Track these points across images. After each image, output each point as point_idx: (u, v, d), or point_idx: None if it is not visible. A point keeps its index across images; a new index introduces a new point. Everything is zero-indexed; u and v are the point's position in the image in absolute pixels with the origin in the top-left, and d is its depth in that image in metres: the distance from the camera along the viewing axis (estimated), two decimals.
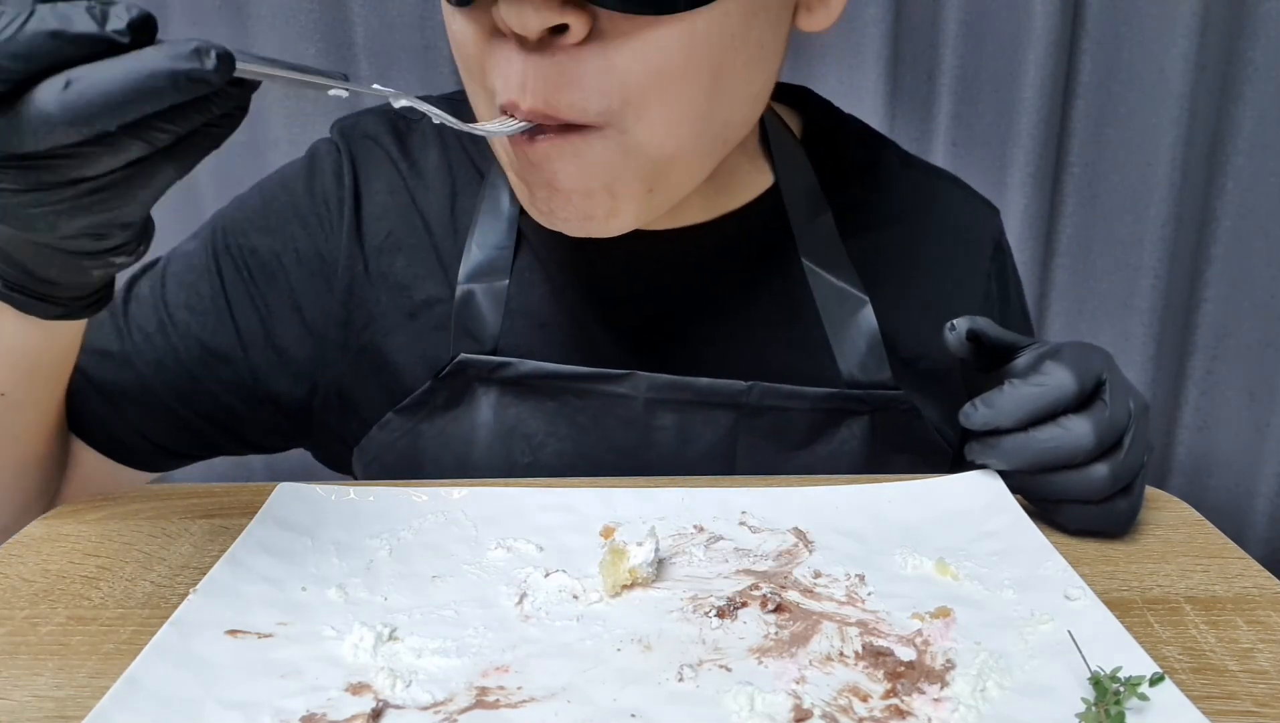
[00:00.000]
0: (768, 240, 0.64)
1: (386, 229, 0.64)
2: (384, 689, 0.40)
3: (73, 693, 0.41)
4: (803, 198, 0.64)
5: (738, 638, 0.45)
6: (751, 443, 0.62)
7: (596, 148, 0.50)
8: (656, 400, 0.61)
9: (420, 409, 0.62)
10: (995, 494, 0.56)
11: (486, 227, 0.63)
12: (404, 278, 0.64)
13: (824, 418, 0.63)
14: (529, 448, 0.62)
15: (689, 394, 0.61)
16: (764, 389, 0.61)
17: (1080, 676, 0.41)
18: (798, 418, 0.63)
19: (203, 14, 1.14)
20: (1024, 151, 1.19)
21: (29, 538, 0.55)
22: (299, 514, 0.54)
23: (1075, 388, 0.53)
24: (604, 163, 0.51)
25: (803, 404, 0.62)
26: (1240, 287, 1.27)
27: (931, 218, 0.70)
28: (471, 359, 0.61)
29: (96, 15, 0.35)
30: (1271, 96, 1.19)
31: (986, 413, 0.54)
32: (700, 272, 0.64)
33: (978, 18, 1.18)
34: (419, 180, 0.65)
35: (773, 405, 0.62)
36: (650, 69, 0.48)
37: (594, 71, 0.47)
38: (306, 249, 0.65)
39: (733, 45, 0.50)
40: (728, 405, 0.61)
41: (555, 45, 0.47)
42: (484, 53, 0.50)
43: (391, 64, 1.17)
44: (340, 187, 0.65)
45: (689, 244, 0.63)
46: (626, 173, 0.51)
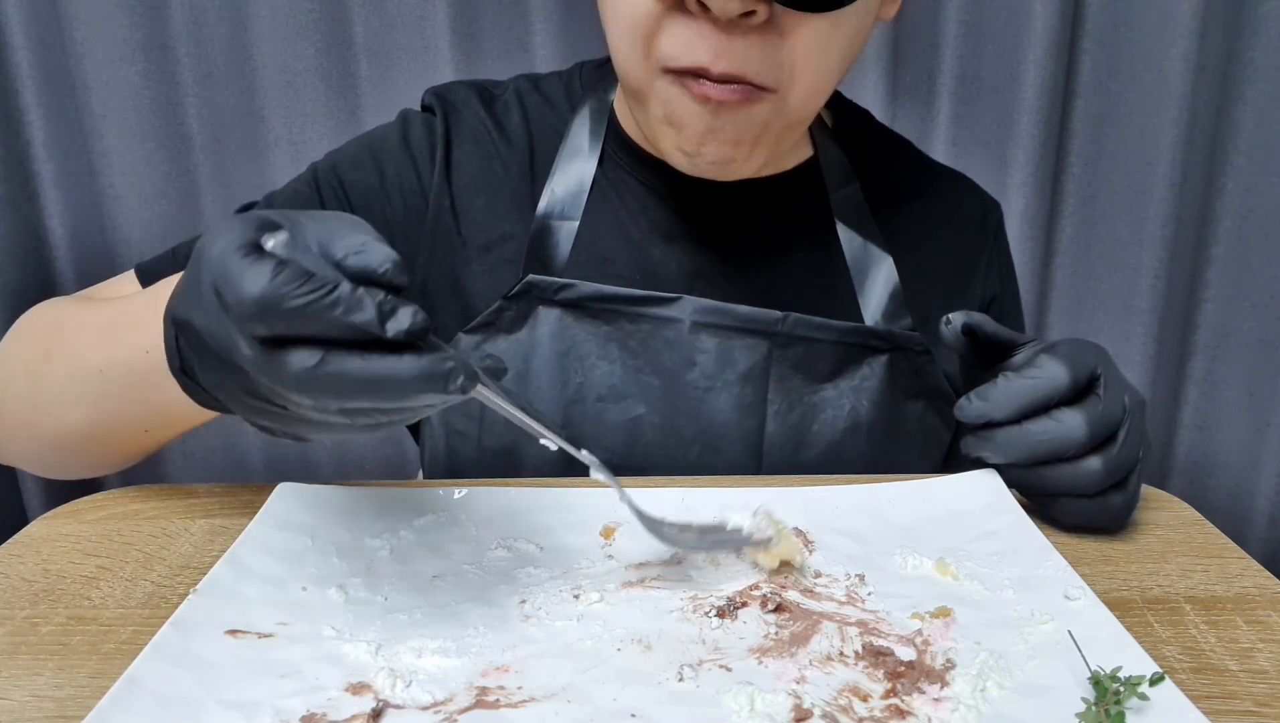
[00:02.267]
0: (807, 201, 0.73)
1: (470, 174, 0.72)
2: (384, 689, 0.40)
3: (73, 693, 0.41)
4: (836, 170, 0.74)
5: (738, 638, 0.45)
6: (783, 372, 0.68)
7: (762, 107, 0.59)
8: (701, 324, 0.67)
9: (488, 327, 0.68)
10: (995, 494, 0.56)
11: (563, 175, 0.71)
12: (483, 216, 0.71)
13: (847, 352, 0.69)
14: (581, 369, 0.67)
15: (730, 319, 0.67)
16: (796, 319, 0.68)
17: (1080, 676, 0.41)
18: (825, 351, 0.68)
19: (203, 14, 1.14)
20: (1024, 151, 1.19)
21: (29, 538, 0.55)
22: (299, 514, 0.54)
23: (1068, 381, 0.54)
24: (761, 120, 0.60)
25: (830, 335, 0.68)
26: (1240, 287, 1.27)
27: (944, 201, 0.77)
28: (538, 279, 0.67)
29: (385, 310, 0.38)
30: (1271, 96, 1.19)
31: (980, 405, 0.55)
32: (749, 220, 0.71)
33: (978, 18, 1.18)
34: (502, 135, 0.73)
35: (803, 336, 0.68)
36: (811, 50, 0.58)
37: (773, 48, 0.57)
38: (402, 184, 0.71)
39: (861, 31, 0.61)
40: (763, 333, 0.68)
41: (742, 25, 0.56)
42: (658, 23, 0.58)
43: (391, 64, 1.17)
44: (432, 135, 0.72)
45: (742, 196, 0.71)
46: (773, 129, 0.61)
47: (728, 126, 0.60)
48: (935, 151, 1.23)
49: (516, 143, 0.73)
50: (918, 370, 0.70)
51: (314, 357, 0.37)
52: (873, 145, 0.77)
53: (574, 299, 0.67)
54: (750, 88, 0.58)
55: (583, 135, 0.72)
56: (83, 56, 1.14)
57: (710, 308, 0.67)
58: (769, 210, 0.72)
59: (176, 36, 1.14)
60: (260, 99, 1.17)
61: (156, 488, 0.61)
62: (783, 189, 0.72)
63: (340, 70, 1.17)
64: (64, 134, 1.17)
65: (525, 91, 0.75)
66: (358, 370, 0.38)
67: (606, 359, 0.67)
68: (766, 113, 0.60)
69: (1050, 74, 1.16)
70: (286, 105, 1.17)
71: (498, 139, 0.73)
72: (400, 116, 0.75)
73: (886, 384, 0.69)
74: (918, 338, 0.70)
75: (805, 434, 0.68)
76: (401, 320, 0.38)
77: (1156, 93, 1.18)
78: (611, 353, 0.67)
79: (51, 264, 1.21)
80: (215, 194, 1.21)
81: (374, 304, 0.37)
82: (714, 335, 0.68)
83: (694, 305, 0.67)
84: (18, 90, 1.13)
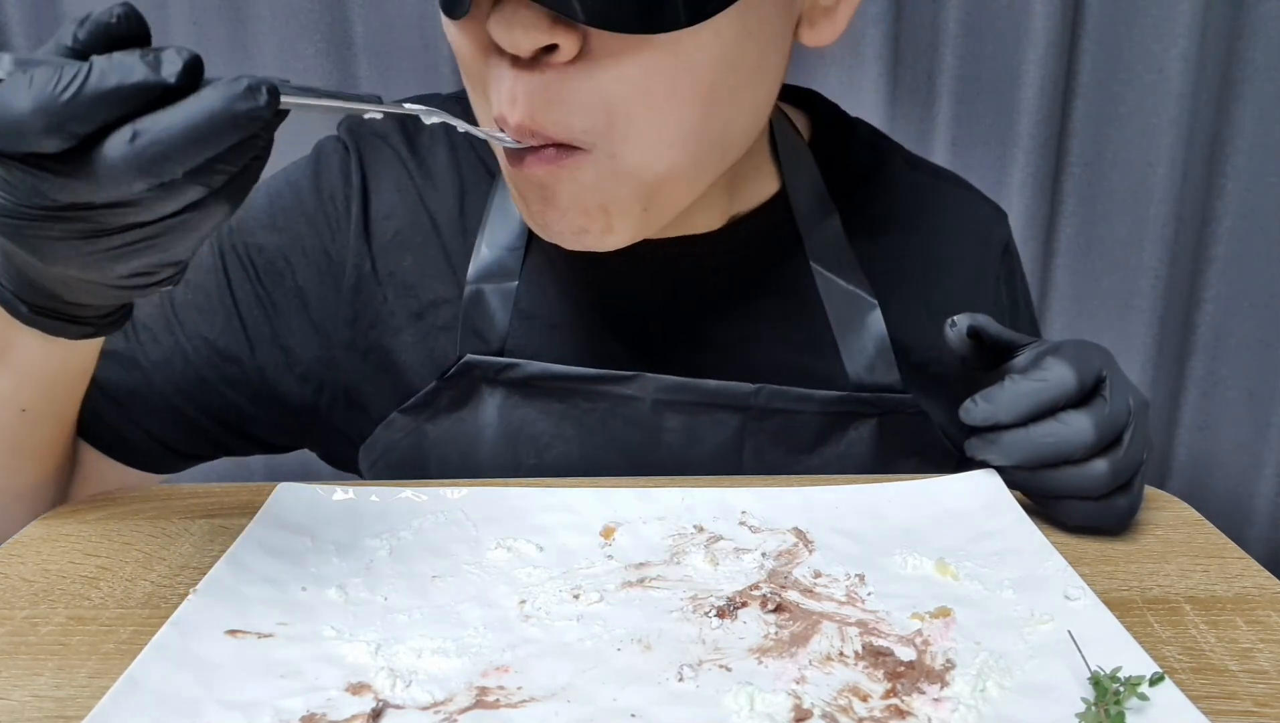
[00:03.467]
0: (776, 244, 0.65)
1: (394, 228, 0.64)
2: (384, 689, 0.40)
3: (73, 693, 0.41)
4: (810, 202, 0.65)
5: (738, 638, 0.45)
6: (759, 446, 0.63)
7: (587, 170, 0.50)
8: (664, 402, 0.61)
9: (425, 409, 0.62)
10: (995, 494, 0.56)
11: (496, 226, 0.63)
12: (411, 277, 0.64)
13: (831, 421, 0.63)
14: (535, 450, 0.62)
15: (697, 396, 0.61)
16: (772, 391, 0.61)
17: (1080, 676, 0.41)
18: (806, 421, 0.63)
19: (203, 14, 1.14)
20: (1024, 152, 1.19)
21: (29, 538, 0.55)
22: (299, 514, 0.54)
23: (1075, 384, 0.53)
24: (596, 184, 0.51)
25: (811, 407, 0.62)
26: (1240, 287, 1.27)
27: (940, 222, 0.70)
28: (477, 360, 0.61)
29: (151, 63, 0.35)
30: (1271, 96, 1.19)
31: (986, 408, 0.54)
32: (710, 276, 0.64)
33: (978, 18, 1.18)
34: (427, 179, 0.65)
35: (781, 408, 0.62)
36: (637, 90, 0.48)
37: (581, 90, 0.47)
38: (313, 247, 0.64)
39: (725, 65, 0.49)
40: (735, 407, 0.61)
41: (546, 64, 0.47)
42: (482, 65, 0.50)
43: (391, 64, 1.17)
44: (348, 185, 0.65)
45: (699, 249, 0.63)
46: (620, 193, 0.51)
47: (559, 194, 0.51)
48: (935, 152, 1.23)
49: (443, 186, 0.65)
50: (911, 431, 0.65)
51: (125, 134, 0.35)
52: (856, 161, 0.69)
53: (520, 379, 0.60)
54: (555, 149, 0.49)
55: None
56: None
57: (673, 386, 0.61)
58: (730, 262, 0.64)
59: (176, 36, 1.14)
60: None
61: (156, 488, 0.61)
62: (744, 235, 0.64)
63: (340, 70, 1.17)
64: None
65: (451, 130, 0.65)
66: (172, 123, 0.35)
67: (562, 439, 0.61)
68: (595, 176, 0.50)
69: (1050, 74, 1.16)
70: None
71: (422, 182, 0.65)
72: (313, 156, 0.67)
73: (875, 449, 0.64)
74: (910, 400, 0.64)
75: None
76: (174, 61, 0.35)
77: (1156, 93, 1.18)
78: (567, 433, 0.61)
79: None
80: None
81: (138, 59, 0.35)
82: (680, 413, 0.61)
83: (655, 383, 0.61)
84: None
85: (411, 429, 0.63)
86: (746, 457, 0.63)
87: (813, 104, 0.71)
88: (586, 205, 0.51)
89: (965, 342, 0.57)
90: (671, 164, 0.51)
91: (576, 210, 0.52)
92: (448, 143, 0.66)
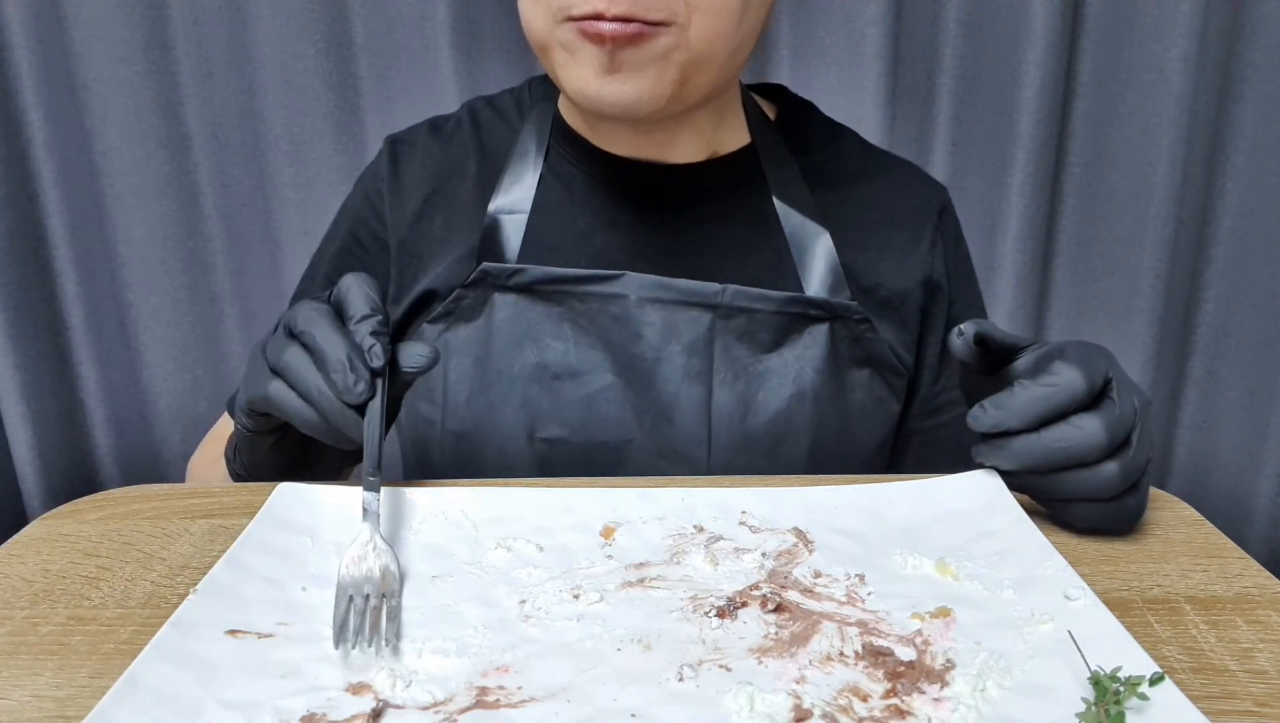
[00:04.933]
0: (747, 182, 0.75)
1: (423, 196, 0.78)
2: (384, 689, 0.40)
3: (73, 693, 0.41)
4: (774, 153, 0.76)
5: (738, 638, 0.45)
6: (727, 343, 0.71)
7: (661, 41, 0.62)
8: (645, 299, 0.71)
9: (448, 317, 0.72)
10: (995, 494, 0.56)
11: (514, 174, 0.75)
12: (441, 232, 0.76)
13: (788, 322, 0.72)
14: (537, 349, 0.71)
15: (672, 293, 0.71)
16: (736, 291, 0.71)
17: (1080, 676, 0.41)
18: (766, 320, 0.71)
19: (203, 14, 1.14)
20: (1024, 151, 1.19)
21: (29, 538, 0.55)
22: (299, 514, 0.54)
23: (1085, 387, 0.53)
24: (661, 51, 0.62)
25: (769, 305, 0.71)
26: (1240, 287, 1.27)
27: (884, 181, 0.80)
28: (491, 266, 0.71)
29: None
30: (1271, 96, 1.19)
31: (996, 414, 0.54)
32: (690, 202, 0.75)
33: (978, 18, 1.18)
34: (450, 154, 0.79)
35: (744, 306, 0.71)
36: None
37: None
38: (365, 235, 0.79)
39: None
40: (705, 305, 0.71)
41: None
42: None
43: (391, 64, 1.17)
44: (379, 180, 0.79)
45: (684, 178, 0.74)
46: (674, 60, 0.63)
47: (625, 63, 0.62)
48: (935, 152, 1.23)
49: (469, 157, 0.78)
50: (858, 338, 0.73)
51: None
52: (814, 133, 0.80)
53: (526, 283, 0.71)
54: (645, 24, 0.60)
55: (530, 138, 0.77)
56: (82, 56, 1.14)
57: (653, 283, 0.71)
58: (708, 192, 0.75)
59: (176, 36, 1.14)
60: (260, 99, 1.17)
61: (156, 488, 0.61)
62: (721, 172, 0.75)
63: (340, 70, 1.17)
64: (64, 134, 1.17)
65: (478, 109, 0.81)
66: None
67: (560, 338, 0.71)
68: (665, 45, 0.62)
69: (1050, 74, 1.16)
70: (286, 105, 1.17)
71: (447, 154, 0.78)
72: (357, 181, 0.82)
73: (829, 352, 0.72)
74: (855, 306, 0.72)
75: (752, 402, 0.70)
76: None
77: (1156, 93, 1.18)
78: (564, 332, 0.71)
79: (51, 264, 1.21)
80: (215, 194, 1.21)
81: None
82: (658, 309, 0.71)
83: (637, 281, 0.71)
84: (18, 90, 1.13)
85: (436, 338, 0.72)
86: (717, 352, 0.71)
87: (780, 95, 0.82)
88: (644, 72, 0.63)
89: (973, 350, 0.58)
90: (721, 48, 0.64)
91: (634, 79, 0.63)
92: (472, 124, 0.80)
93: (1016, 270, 1.24)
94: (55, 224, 1.19)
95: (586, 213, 0.74)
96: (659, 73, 0.63)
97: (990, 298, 1.24)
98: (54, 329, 1.24)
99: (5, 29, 1.12)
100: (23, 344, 1.19)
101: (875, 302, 0.75)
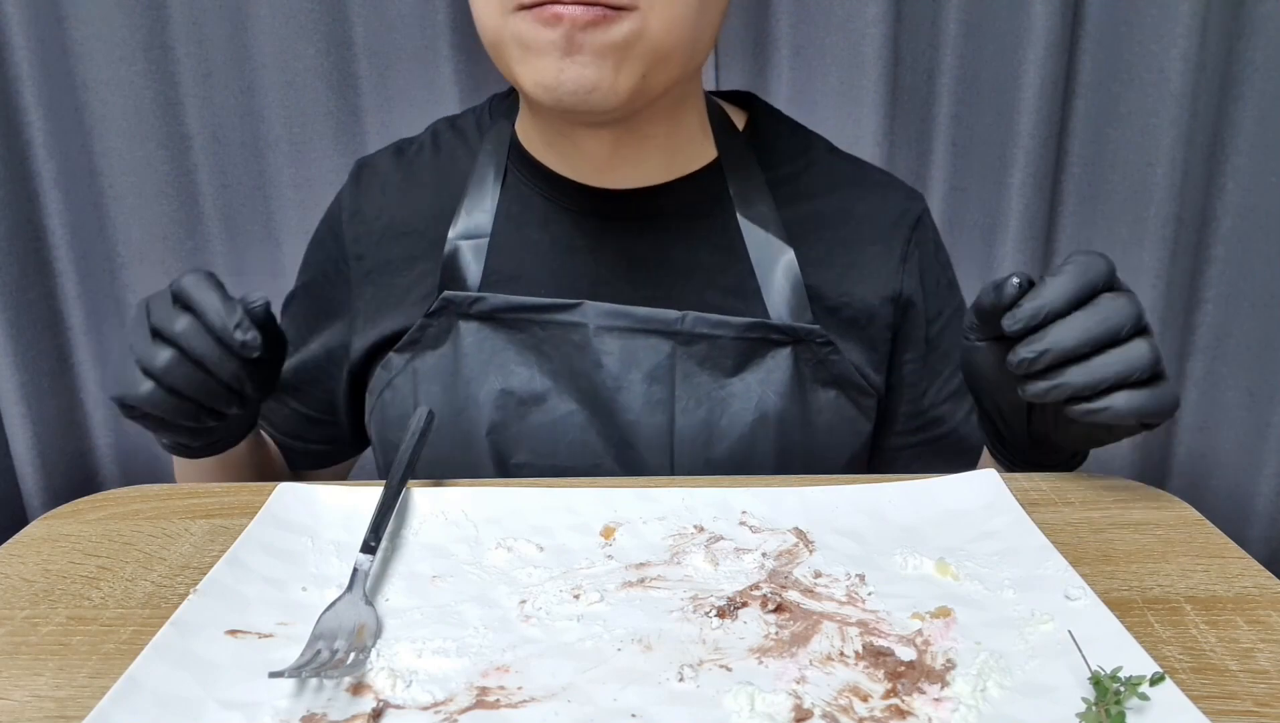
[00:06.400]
0: (711, 200, 0.74)
1: (383, 225, 0.77)
2: (384, 689, 0.40)
3: (73, 693, 0.41)
4: (741, 167, 0.75)
5: (738, 638, 0.45)
6: (688, 370, 0.70)
7: (623, 26, 0.59)
8: (603, 327, 0.70)
9: (414, 346, 0.72)
10: (995, 494, 0.56)
11: (473, 198, 0.75)
12: (401, 262, 0.76)
13: (750, 347, 0.71)
14: (502, 375, 0.71)
15: (630, 321, 0.70)
16: (695, 317, 0.70)
17: (1080, 676, 0.41)
18: (727, 346, 0.70)
19: (203, 14, 1.14)
20: (1024, 151, 1.19)
21: (29, 538, 0.55)
22: (299, 514, 0.54)
23: (1106, 266, 0.55)
24: (621, 42, 0.60)
25: (729, 332, 0.70)
26: (1240, 287, 1.27)
27: (853, 194, 0.78)
28: (453, 295, 0.71)
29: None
30: (1271, 96, 1.19)
31: (1033, 304, 0.55)
32: (650, 224, 0.73)
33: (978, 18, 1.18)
34: (412, 181, 0.78)
35: (704, 333, 0.70)
36: None
37: None
38: (331, 266, 0.79)
39: None
40: (664, 332, 0.70)
41: None
42: None
43: (391, 64, 1.17)
44: (343, 207, 0.79)
45: (644, 202, 0.73)
46: (634, 51, 0.61)
47: (585, 46, 0.59)
48: (935, 152, 1.23)
49: (428, 183, 0.77)
50: (822, 360, 0.72)
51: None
52: (783, 145, 0.78)
53: (486, 311, 0.71)
54: (606, 8, 0.58)
55: (489, 161, 0.76)
56: (83, 56, 1.14)
57: (610, 311, 0.70)
58: (670, 214, 0.73)
59: (176, 36, 1.14)
60: (260, 99, 1.17)
61: (156, 488, 0.61)
62: (683, 193, 0.73)
63: (340, 70, 1.17)
64: (64, 134, 1.17)
65: (440, 131, 0.80)
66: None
67: (524, 365, 0.71)
68: (627, 32, 0.59)
69: (1050, 74, 1.16)
70: (286, 105, 1.17)
71: (408, 180, 0.78)
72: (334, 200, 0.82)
73: (793, 375, 0.71)
74: (818, 330, 0.71)
75: (714, 428, 0.70)
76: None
77: (1156, 93, 1.18)
78: (529, 359, 0.71)
79: (51, 264, 1.21)
80: (215, 194, 1.21)
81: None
82: (617, 337, 0.70)
83: (595, 310, 0.70)
84: (18, 90, 1.13)
85: (403, 366, 0.72)
86: (678, 379, 0.70)
87: (750, 103, 0.80)
88: (603, 58, 0.60)
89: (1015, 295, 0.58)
90: (681, 37, 0.62)
91: (595, 65, 0.60)
92: (434, 148, 0.79)
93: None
94: (55, 224, 1.19)
95: (546, 238, 0.73)
96: (619, 63, 0.61)
97: None
98: (54, 329, 1.24)
99: (5, 29, 1.11)
100: (23, 344, 1.19)
101: (841, 321, 0.74)
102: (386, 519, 0.52)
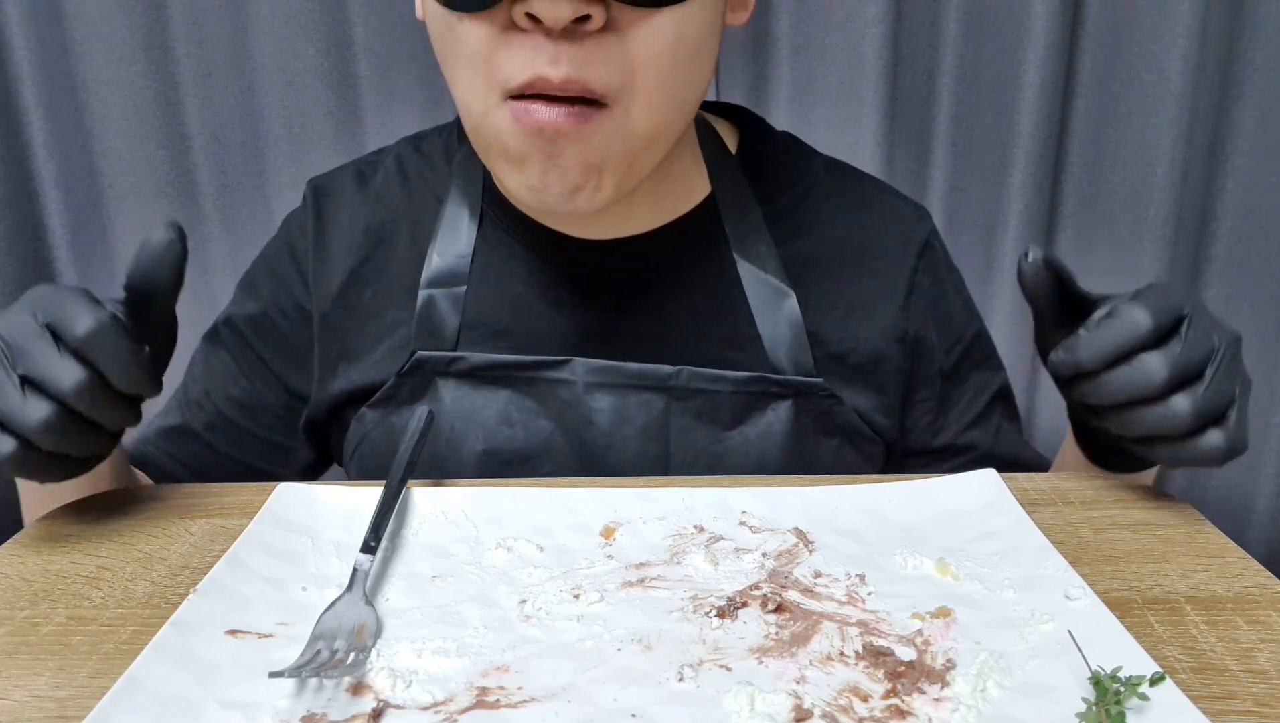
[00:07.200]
0: (706, 243, 0.70)
1: (352, 264, 0.72)
2: (384, 689, 0.40)
3: (73, 693, 0.41)
4: (736, 202, 0.71)
5: (738, 638, 0.45)
6: (684, 425, 0.67)
7: (603, 125, 0.56)
8: (594, 384, 0.67)
9: (389, 402, 0.68)
10: (995, 494, 0.56)
11: (446, 240, 0.70)
12: (372, 309, 0.71)
13: (749, 401, 0.68)
14: (484, 435, 0.67)
15: (622, 377, 0.67)
16: (691, 372, 0.67)
17: (1080, 675, 0.41)
18: (724, 400, 0.67)
19: (203, 14, 1.14)
20: (1024, 151, 1.19)
21: (29, 538, 0.55)
22: (299, 514, 0.54)
23: (1150, 325, 0.54)
24: (601, 144, 0.57)
25: (727, 387, 0.67)
26: (1240, 287, 1.27)
27: (856, 220, 0.74)
28: (427, 356, 0.67)
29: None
30: (1271, 96, 1.19)
31: (1066, 357, 0.56)
32: (643, 275, 0.70)
33: (978, 18, 1.18)
34: (379, 211, 0.73)
35: (700, 388, 0.67)
36: (654, 51, 0.56)
37: (611, 53, 0.55)
38: (287, 302, 0.74)
39: (707, 32, 0.58)
40: (658, 388, 0.67)
41: (576, 33, 0.54)
42: (494, 49, 0.55)
43: (391, 64, 1.17)
44: (304, 238, 0.73)
45: (635, 251, 0.69)
46: (616, 151, 0.58)
47: (567, 153, 0.56)
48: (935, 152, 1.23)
49: (398, 219, 0.72)
50: (826, 411, 0.69)
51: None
52: (779, 172, 0.74)
53: (466, 370, 0.67)
54: (585, 108, 0.55)
55: (462, 199, 0.71)
56: (83, 56, 1.14)
57: (601, 368, 0.67)
58: (662, 262, 0.69)
59: (176, 36, 1.14)
60: (260, 99, 1.17)
61: (156, 488, 0.61)
62: (677, 237, 0.70)
63: (340, 70, 1.17)
64: (64, 134, 1.17)
65: (405, 156, 0.74)
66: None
67: (508, 424, 0.67)
68: (606, 134, 0.56)
69: (1050, 74, 1.16)
70: (286, 105, 1.17)
71: (376, 215, 0.72)
72: (283, 223, 0.76)
73: (793, 427, 0.68)
74: (820, 384, 0.68)
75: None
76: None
77: (1156, 93, 1.18)
78: (512, 417, 0.67)
79: (51, 264, 1.21)
80: (215, 194, 1.21)
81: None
82: (609, 394, 0.67)
83: (584, 366, 0.67)
84: (18, 90, 1.13)
85: (379, 421, 0.69)
86: (673, 435, 0.67)
87: (741, 119, 0.76)
88: (587, 163, 0.57)
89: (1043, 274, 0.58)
90: (665, 123, 0.59)
91: (578, 169, 0.57)
92: (400, 177, 0.74)
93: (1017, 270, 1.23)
94: (55, 224, 1.19)
95: (528, 289, 0.69)
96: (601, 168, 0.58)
97: (990, 298, 1.24)
98: None
99: (5, 29, 1.11)
100: None
101: (847, 368, 0.70)
102: (386, 519, 0.52)
